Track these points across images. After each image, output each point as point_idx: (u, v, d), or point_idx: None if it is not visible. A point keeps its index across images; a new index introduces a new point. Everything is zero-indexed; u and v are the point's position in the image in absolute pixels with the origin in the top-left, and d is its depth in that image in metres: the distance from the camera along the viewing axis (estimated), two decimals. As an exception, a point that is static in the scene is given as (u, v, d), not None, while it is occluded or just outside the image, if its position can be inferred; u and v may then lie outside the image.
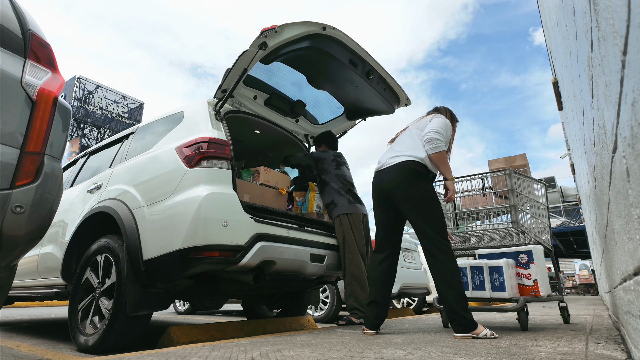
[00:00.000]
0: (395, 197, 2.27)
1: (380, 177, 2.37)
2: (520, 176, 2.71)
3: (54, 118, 1.40)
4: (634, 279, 0.84)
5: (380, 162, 2.42)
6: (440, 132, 2.26)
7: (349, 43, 2.71)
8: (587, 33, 0.93)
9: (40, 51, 1.42)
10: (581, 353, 1.47)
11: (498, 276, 2.42)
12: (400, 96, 3.28)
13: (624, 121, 0.65)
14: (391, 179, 2.29)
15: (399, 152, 2.34)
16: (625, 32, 0.56)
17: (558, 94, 3.55)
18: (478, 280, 2.50)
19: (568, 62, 1.78)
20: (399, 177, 2.26)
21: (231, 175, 2.31)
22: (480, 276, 2.49)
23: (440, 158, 2.25)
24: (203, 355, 1.61)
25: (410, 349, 1.69)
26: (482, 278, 2.48)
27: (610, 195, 1.05)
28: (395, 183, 2.26)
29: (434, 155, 2.25)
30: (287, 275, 2.64)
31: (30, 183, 1.31)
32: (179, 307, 6.38)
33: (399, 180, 2.25)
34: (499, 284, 2.41)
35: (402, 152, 2.33)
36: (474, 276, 2.52)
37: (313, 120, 3.66)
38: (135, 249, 2.22)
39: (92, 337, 2.22)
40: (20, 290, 3.31)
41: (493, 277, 2.44)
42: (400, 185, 2.24)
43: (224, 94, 2.65)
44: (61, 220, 2.97)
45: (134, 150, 2.87)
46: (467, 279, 2.53)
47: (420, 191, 2.20)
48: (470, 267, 2.54)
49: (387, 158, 2.38)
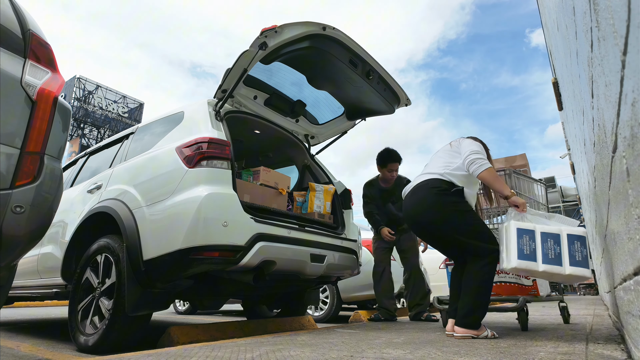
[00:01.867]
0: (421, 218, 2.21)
1: (405, 205, 2.32)
2: (520, 176, 2.71)
3: (54, 118, 1.40)
4: (634, 279, 0.84)
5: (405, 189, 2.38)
6: (478, 151, 2.16)
7: (349, 43, 2.71)
8: (587, 33, 0.93)
9: (40, 51, 1.42)
10: (581, 353, 1.47)
11: (581, 249, 1.94)
12: (400, 96, 3.27)
13: (624, 121, 0.65)
14: (412, 203, 2.24)
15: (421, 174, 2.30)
16: (625, 32, 0.56)
17: (558, 94, 3.55)
18: (553, 251, 1.96)
19: (568, 62, 1.78)
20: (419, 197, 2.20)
21: (231, 176, 2.31)
22: (557, 246, 1.97)
23: (491, 176, 2.08)
24: (203, 355, 1.61)
25: (410, 349, 1.69)
26: (558, 249, 1.96)
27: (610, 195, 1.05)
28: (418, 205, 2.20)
29: (484, 174, 2.08)
30: (287, 275, 2.64)
31: (30, 183, 1.30)
32: (179, 307, 6.38)
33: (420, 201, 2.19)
34: (582, 258, 1.93)
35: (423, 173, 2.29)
36: (546, 246, 1.97)
37: (313, 120, 3.65)
38: (135, 249, 2.22)
39: (92, 337, 2.22)
40: (20, 290, 3.31)
41: (573, 250, 1.95)
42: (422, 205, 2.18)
43: (224, 94, 2.65)
44: (61, 220, 2.97)
45: (134, 150, 2.87)
46: (534, 247, 1.98)
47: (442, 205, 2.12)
48: (541, 234, 2.00)
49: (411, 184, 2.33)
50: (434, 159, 2.38)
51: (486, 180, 2.11)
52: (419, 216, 2.22)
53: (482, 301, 2.02)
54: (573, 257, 1.92)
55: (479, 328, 1.99)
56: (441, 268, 6.16)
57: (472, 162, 2.12)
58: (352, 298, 4.42)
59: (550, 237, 1.97)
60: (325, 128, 3.70)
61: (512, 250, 1.96)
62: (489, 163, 2.12)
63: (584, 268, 1.89)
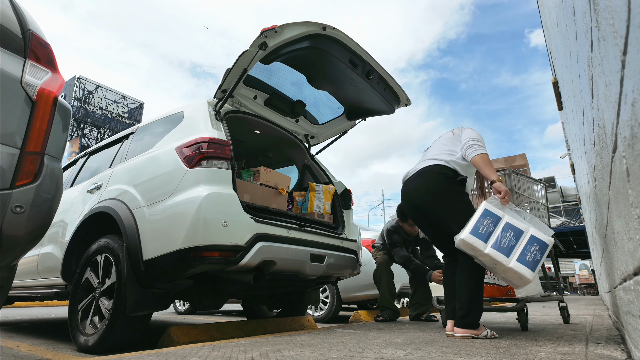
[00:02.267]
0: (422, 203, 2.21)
1: (406, 187, 2.31)
2: (520, 176, 2.71)
3: (54, 118, 1.40)
4: (634, 279, 0.84)
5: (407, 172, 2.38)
6: (478, 139, 2.20)
7: (349, 43, 2.71)
8: (587, 33, 0.93)
9: (40, 51, 1.42)
10: (581, 353, 1.47)
11: (536, 252, 1.92)
12: (400, 96, 3.27)
13: (624, 121, 0.65)
14: (415, 186, 2.24)
15: (424, 159, 2.30)
16: (625, 32, 0.56)
17: (558, 94, 3.55)
18: (507, 242, 1.95)
19: (568, 62, 1.78)
20: (424, 181, 2.20)
21: (231, 176, 2.31)
22: (514, 240, 1.96)
23: (483, 160, 2.12)
24: (203, 355, 1.61)
25: (410, 349, 1.69)
26: (513, 242, 1.95)
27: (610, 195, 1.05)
28: (422, 189, 2.20)
29: (477, 158, 2.12)
30: (287, 275, 2.64)
31: (30, 183, 1.30)
32: (179, 307, 6.38)
33: (425, 185, 2.19)
34: (532, 260, 1.90)
35: (426, 158, 2.29)
36: (504, 235, 1.96)
37: (313, 120, 3.65)
38: (135, 249, 2.22)
39: (92, 337, 2.22)
40: (20, 290, 3.30)
41: (528, 249, 1.93)
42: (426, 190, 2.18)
43: (224, 94, 2.65)
44: (61, 220, 2.97)
45: (134, 150, 2.87)
46: (491, 231, 1.97)
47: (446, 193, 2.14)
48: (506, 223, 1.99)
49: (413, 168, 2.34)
50: (436, 145, 2.36)
51: (478, 164, 2.13)
52: (421, 200, 2.20)
53: (478, 300, 2.03)
54: (524, 255, 1.91)
55: (478, 327, 2.00)
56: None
57: (470, 146, 2.16)
58: (352, 298, 4.42)
59: (512, 230, 1.97)
60: (325, 128, 3.70)
61: (469, 225, 1.96)
62: (484, 149, 2.15)
63: (528, 269, 1.86)
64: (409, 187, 2.27)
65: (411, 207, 2.30)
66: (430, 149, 2.39)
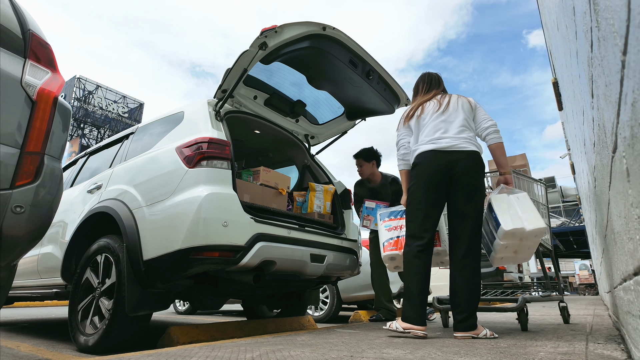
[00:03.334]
0: (463, 180, 2.11)
1: (449, 157, 2.13)
2: (520, 176, 2.71)
3: (54, 118, 1.40)
4: (634, 279, 0.84)
5: (442, 142, 2.17)
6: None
7: (349, 43, 2.71)
8: (587, 33, 0.93)
9: (40, 51, 1.42)
10: (581, 353, 1.47)
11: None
12: (400, 96, 3.28)
13: (624, 121, 0.65)
14: (467, 165, 2.12)
15: (467, 138, 2.17)
16: (625, 32, 0.56)
17: (558, 94, 3.56)
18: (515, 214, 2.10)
19: (568, 62, 1.78)
20: (475, 165, 2.13)
21: (231, 176, 2.31)
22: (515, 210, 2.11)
23: (502, 149, 2.19)
24: (203, 355, 1.61)
25: (410, 349, 1.69)
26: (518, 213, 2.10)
27: (610, 195, 1.05)
28: (471, 169, 2.12)
29: (497, 145, 2.18)
30: (287, 275, 2.64)
31: (30, 183, 1.31)
32: (179, 307, 6.38)
33: (475, 168, 2.13)
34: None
35: (470, 139, 2.18)
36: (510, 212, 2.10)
37: (313, 120, 3.66)
38: (135, 249, 2.22)
39: (92, 337, 2.22)
40: (20, 290, 3.31)
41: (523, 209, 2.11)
42: (475, 172, 2.13)
43: (224, 94, 2.65)
44: (61, 220, 2.97)
45: (134, 150, 2.87)
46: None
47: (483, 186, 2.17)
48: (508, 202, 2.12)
49: (452, 138, 2.16)
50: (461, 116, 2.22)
51: (498, 152, 2.18)
52: (474, 181, 2.12)
53: (478, 302, 2.06)
54: (526, 213, 2.12)
55: (476, 328, 2.00)
56: (441, 268, 6.17)
57: (496, 130, 2.20)
58: (352, 298, 4.42)
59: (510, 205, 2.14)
60: (325, 128, 3.70)
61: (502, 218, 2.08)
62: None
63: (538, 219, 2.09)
64: (459, 161, 2.12)
65: (445, 174, 2.14)
66: (459, 119, 2.22)
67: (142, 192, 2.40)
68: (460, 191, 2.13)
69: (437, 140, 2.19)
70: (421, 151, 2.22)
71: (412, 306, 2.05)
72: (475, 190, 2.12)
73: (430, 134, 2.23)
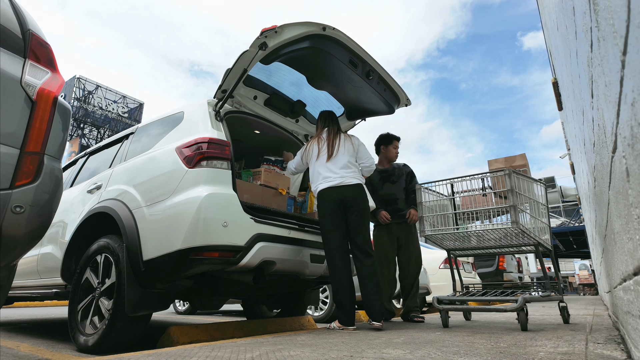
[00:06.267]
0: (353, 206, 2.74)
1: (342, 191, 2.75)
2: (520, 176, 2.71)
3: (53, 118, 1.40)
4: (634, 279, 0.84)
5: (333, 179, 2.78)
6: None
7: (349, 43, 2.71)
8: (587, 33, 0.93)
9: (40, 51, 1.42)
10: (581, 353, 1.47)
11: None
12: (400, 96, 3.27)
13: (623, 121, 0.65)
14: (354, 194, 2.76)
15: (351, 175, 2.81)
16: (625, 32, 0.56)
17: (558, 94, 3.56)
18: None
19: (568, 62, 1.78)
20: (359, 193, 2.78)
21: (231, 176, 2.31)
22: None
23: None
24: (203, 355, 1.61)
25: (410, 349, 1.69)
26: None
27: (610, 195, 1.05)
28: (357, 197, 2.76)
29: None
30: (287, 275, 2.64)
31: (30, 183, 1.30)
32: (179, 307, 6.37)
33: (359, 195, 2.78)
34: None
35: (354, 175, 2.82)
36: None
37: (313, 120, 3.65)
38: (135, 249, 2.22)
39: (92, 337, 2.22)
40: (20, 290, 3.30)
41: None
42: (360, 199, 2.77)
43: (224, 94, 2.65)
44: (61, 220, 2.97)
45: (133, 150, 2.87)
46: None
47: (367, 207, 2.83)
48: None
49: (340, 177, 2.79)
50: (344, 157, 2.86)
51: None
52: (360, 207, 2.79)
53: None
54: None
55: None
56: (441, 268, 6.16)
57: (373, 170, 3.04)
58: (352, 298, 4.41)
59: None
60: (325, 128, 3.69)
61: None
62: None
63: None
64: (347, 193, 2.75)
65: (340, 204, 2.74)
66: (343, 160, 2.84)
67: (142, 192, 2.40)
68: (354, 213, 2.79)
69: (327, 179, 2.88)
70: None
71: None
72: (361, 211, 2.82)
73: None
